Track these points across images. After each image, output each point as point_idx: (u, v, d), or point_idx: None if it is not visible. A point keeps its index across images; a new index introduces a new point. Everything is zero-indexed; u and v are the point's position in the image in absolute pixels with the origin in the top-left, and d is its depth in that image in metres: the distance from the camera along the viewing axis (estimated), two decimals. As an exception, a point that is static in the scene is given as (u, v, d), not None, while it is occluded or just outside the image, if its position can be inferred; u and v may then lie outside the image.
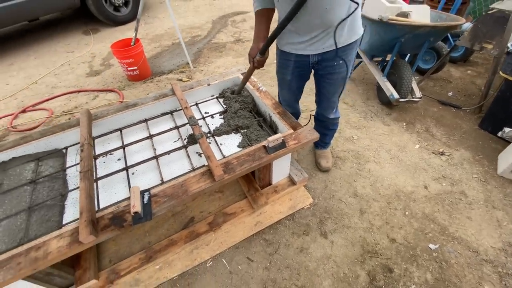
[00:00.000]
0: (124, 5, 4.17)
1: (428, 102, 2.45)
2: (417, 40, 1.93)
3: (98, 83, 2.99)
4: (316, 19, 1.11)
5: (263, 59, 1.29)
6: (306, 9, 1.07)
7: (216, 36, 3.83)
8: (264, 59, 1.30)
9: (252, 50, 1.32)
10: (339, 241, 1.51)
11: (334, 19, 1.11)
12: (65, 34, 4.13)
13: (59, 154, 1.49)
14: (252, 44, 1.33)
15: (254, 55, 1.30)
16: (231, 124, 1.53)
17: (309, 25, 1.14)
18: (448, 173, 1.83)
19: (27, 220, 1.15)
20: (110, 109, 1.63)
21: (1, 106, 2.74)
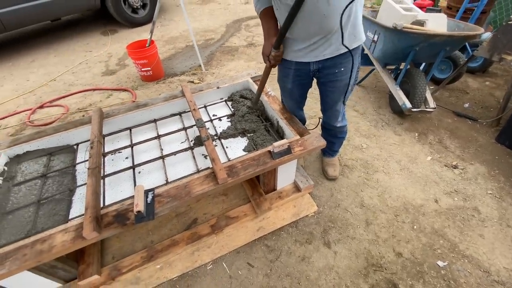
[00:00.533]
0: (142, 7, 4.29)
1: (443, 113, 2.38)
2: (432, 49, 1.88)
3: (113, 82, 3.08)
4: (314, 25, 1.10)
5: (279, 54, 1.25)
6: (304, 15, 1.07)
7: (229, 39, 3.88)
8: (280, 53, 1.25)
9: (265, 48, 1.29)
10: (342, 252, 1.48)
11: (333, 25, 1.10)
12: (84, 34, 4.29)
13: (70, 150, 1.53)
14: (264, 43, 1.31)
15: (268, 52, 1.27)
16: (238, 128, 1.54)
17: (308, 32, 1.14)
18: (461, 187, 1.76)
19: (35, 212, 1.19)
20: (122, 108, 1.66)
21: (21, 101, 2.86)
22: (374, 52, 2.30)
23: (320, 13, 1.05)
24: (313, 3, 1.02)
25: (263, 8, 1.25)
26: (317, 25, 1.10)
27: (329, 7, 1.04)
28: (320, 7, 1.03)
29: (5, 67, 3.53)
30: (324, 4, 1.03)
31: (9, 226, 1.16)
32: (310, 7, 1.04)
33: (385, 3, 2.29)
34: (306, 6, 1.03)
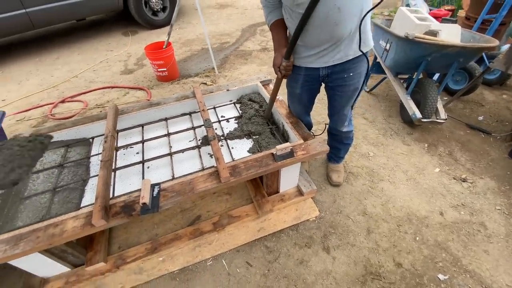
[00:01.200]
0: (162, 10, 4.46)
1: (455, 124, 2.33)
2: (445, 60, 1.86)
3: (130, 80, 3.21)
4: (325, 33, 1.13)
5: (289, 64, 1.27)
6: (314, 24, 1.10)
7: (244, 43, 3.96)
8: (290, 63, 1.27)
9: (276, 59, 1.32)
10: (341, 258, 1.48)
11: (343, 33, 1.13)
12: (107, 34, 4.50)
13: (86, 143, 1.63)
14: (274, 54, 1.34)
15: (279, 63, 1.29)
16: (244, 130, 1.58)
17: (318, 39, 1.16)
18: (468, 201, 1.72)
19: (51, 199, 1.28)
20: (136, 106, 1.75)
21: (44, 95, 3.04)
22: (386, 61, 2.30)
23: (331, 21, 1.08)
24: (324, 12, 1.05)
25: (274, 20, 1.28)
26: (328, 33, 1.13)
27: (340, 15, 1.06)
28: (332, 16, 1.06)
29: (33, 63, 3.76)
30: (335, 13, 1.05)
31: (26, 210, 1.25)
32: (322, 16, 1.06)
33: (400, 12, 2.29)
34: (317, 15, 1.06)
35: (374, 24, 2.37)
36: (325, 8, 1.04)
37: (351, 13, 1.07)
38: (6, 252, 1.03)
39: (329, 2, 1.03)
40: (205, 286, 1.38)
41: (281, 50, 1.28)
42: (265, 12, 1.31)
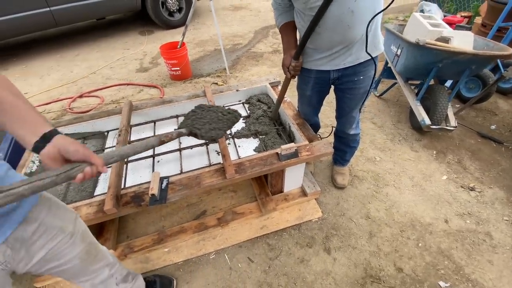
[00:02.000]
0: (178, 11, 4.58)
1: (466, 132, 2.30)
2: (456, 67, 1.85)
3: (145, 78, 3.32)
4: (338, 36, 1.15)
5: (298, 64, 1.30)
6: (327, 27, 1.12)
7: (256, 45, 4.01)
8: (299, 64, 1.31)
9: (285, 60, 1.35)
10: (342, 259, 1.50)
11: (355, 36, 1.15)
12: (124, 33, 4.66)
13: (101, 136, 1.71)
14: (283, 56, 1.38)
15: (288, 63, 1.32)
16: (251, 129, 1.63)
17: (331, 42, 1.19)
18: (475, 210, 1.70)
19: (67, 187, 1.36)
20: (149, 103, 1.83)
21: (64, 90, 3.19)
22: (396, 66, 2.29)
23: (344, 24, 1.10)
24: (337, 15, 1.07)
25: (284, 23, 1.32)
26: (340, 35, 1.15)
27: (353, 18, 1.08)
28: (345, 19, 1.08)
29: (54, 59, 3.94)
30: (348, 15, 1.07)
31: (44, 196, 1.34)
32: (335, 18, 1.09)
33: (413, 17, 2.28)
34: (330, 18, 1.08)
35: (386, 29, 2.37)
36: (339, 11, 1.06)
37: (364, 16, 1.09)
38: (25, 234, 1.11)
39: (343, 5, 1.05)
40: (207, 278, 1.43)
41: (290, 52, 1.32)
42: (275, 14, 1.35)
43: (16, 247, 0.67)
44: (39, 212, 0.72)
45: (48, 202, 0.77)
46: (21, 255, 0.69)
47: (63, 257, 0.80)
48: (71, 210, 0.86)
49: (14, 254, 0.68)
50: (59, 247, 0.77)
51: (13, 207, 0.65)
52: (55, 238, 0.76)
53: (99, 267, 0.96)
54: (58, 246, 0.77)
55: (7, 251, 0.65)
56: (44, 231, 0.73)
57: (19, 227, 0.67)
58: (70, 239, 0.80)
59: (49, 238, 0.74)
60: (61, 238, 0.77)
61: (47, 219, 0.74)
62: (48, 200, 0.78)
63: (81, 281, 0.95)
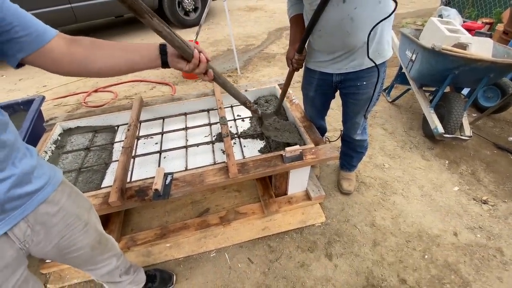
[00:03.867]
0: (193, 10, 4.65)
1: (482, 143, 2.21)
2: (473, 74, 1.78)
3: (158, 76, 3.39)
4: (338, 41, 1.14)
5: (301, 57, 1.30)
6: (327, 31, 1.12)
7: (269, 46, 4.01)
8: (302, 57, 1.30)
9: (289, 53, 1.35)
10: (343, 266, 1.47)
11: (356, 43, 1.13)
12: (140, 31, 4.77)
13: (112, 130, 1.76)
14: (288, 48, 1.38)
15: (292, 56, 1.32)
16: (257, 130, 1.63)
17: (332, 46, 1.19)
18: (486, 224, 1.63)
19: (76, 178, 1.41)
20: (159, 100, 1.86)
21: (80, 84, 3.29)
22: (410, 72, 2.24)
23: (343, 30, 1.09)
24: (337, 20, 1.07)
25: (294, 14, 1.32)
26: (340, 41, 1.15)
27: (352, 25, 1.07)
28: (344, 25, 1.08)
29: (73, 54, 4.08)
30: (347, 22, 1.07)
31: (54, 186, 1.38)
32: (334, 24, 1.09)
33: (431, 22, 2.22)
34: (330, 23, 1.09)
35: (401, 34, 2.32)
36: (338, 16, 1.06)
37: (364, 24, 1.07)
38: (33, 221, 1.15)
39: (343, 12, 1.04)
40: (207, 276, 1.44)
41: (295, 45, 1.31)
42: (288, 4, 1.35)
43: (36, 229, 0.69)
44: (61, 197, 0.75)
45: (68, 189, 0.80)
46: (40, 238, 0.71)
47: (75, 244, 0.81)
48: (87, 200, 0.89)
49: (34, 235, 0.70)
50: (74, 234, 0.79)
51: (38, 187, 0.68)
52: (72, 225, 0.78)
53: (108, 257, 0.98)
54: (73, 233, 0.79)
55: (27, 231, 0.67)
56: (63, 216, 0.75)
57: (41, 206, 0.69)
58: (84, 227, 0.82)
59: (67, 224, 0.77)
60: (77, 225, 0.80)
61: (67, 204, 0.76)
62: (70, 187, 0.81)
63: (89, 269, 0.97)
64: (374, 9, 1.03)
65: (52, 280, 1.44)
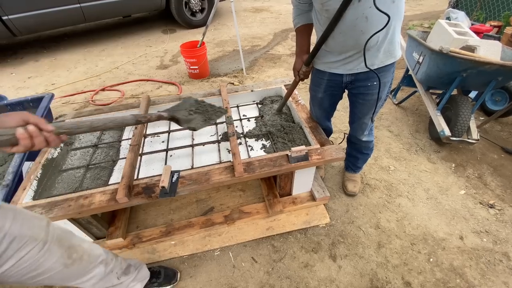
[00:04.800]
0: (200, 11, 4.69)
1: (489, 147, 2.19)
2: (481, 77, 1.77)
3: (164, 75, 3.42)
4: (351, 40, 1.13)
5: (309, 70, 1.33)
6: (341, 30, 1.11)
7: (274, 47, 4.02)
8: (309, 69, 1.33)
9: (296, 64, 1.38)
10: (347, 268, 1.47)
11: (370, 42, 1.13)
12: (148, 31, 4.82)
13: (119, 128, 1.78)
14: (295, 59, 1.40)
15: (299, 68, 1.35)
16: (263, 130, 1.63)
17: (344, 46, 1.18)
18: (493, 229, 1.61)
19: (84, 174, 1.43)
20: (166, 99, 1.88)
21: (88, 83, 3.34)
22: (417, 74, 2.23)
23: (358, 30, 1.09)
24: (352, 20, 1.06)
25: (300, 24, 1.32)
26: (354, 40, 1.14)
27: (367, 25, 1.07)
28: (359, 24, 1.07)
29: (81, 53, 4.14)
30: (362, 21, 1.06)
31: (62, 181, 1.41)
32: (349, 23, 1.08)
33: (438, 25, 2.21)
34: (344, 22, 1.08)
35: (408, 36, 2.31)
36: (353, 16, 1.05)
37: (378, 23, 1.07)
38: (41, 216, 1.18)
39: (358, 11, 1.04)
40: (211, 274, 1.45)
41: (302, 56, 1.33)
42: (294, 13, 1.35)
43: None
44: (3, 223, 0.70)
45: (11, 212, 0.75)
46: None
47: (41, 266, 0.78)
48: (40, 217, 0.83)
49: None
50: (32, 256, 0.75)
51: None
52: (26, 247, 0.74)
53: (92, 268, 0.95)
54: (31, 255, 0.75)
55: None
56: (12, 241, 0.71)
57: None
58: (44, 246, 0.78)
59: (18, 247, 0.72)
60: (33, 247, 0.75)
61: (13, 228, 0.72)
62: (11, 210, 0.76)
63: (78, 283, 0.94)
64: (388, 8, 1.04)
65: (58, 274, 1.46)
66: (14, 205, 0.80)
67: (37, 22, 3.63)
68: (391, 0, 1.03)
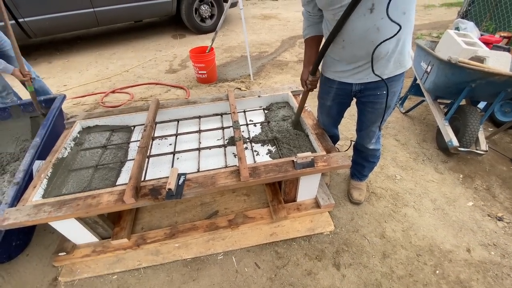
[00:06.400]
0: (209, 17, 4.77)
1: (498, 158, 2.15)
2: (490, 88, 1.75)
3: (173, 79, 3.48)
4: (361, 51, 1.14)
5: (315, 79, 1.34)
6: (352, 40, 1.12)
7: (282, 54, 4.06)
8: (316, 79, 1.35)
9: (303, 74, 1.40)
10: (351, 277, 1.45)
11: (380, 52, 1.14)
12: (158, 35, 4.92)
13: (128, 130, 1.81)
14: (302, 69, 1.42)
15: (306, 78, 1.37)
16: (268, 135, 1.64)
17: (354, 56, 1.19)
18: (501, 242, 1.58)
19: (92, 174, 1.45)
20: (174, 102, 1.91)
21: (99, 85, 3.41)
22: (425, 83, 2.22)
23: (368, 40, 1.10)
24: (364, 30, 1.07)
25: (310, 36, 1.34)
26: (364, 50, 1.14)
27: (378, 35, 1.07)
28: (370, 35, 1.08)
29: (93, 55, 4.25)
30: (374, 32, 1.07)
31: (71, 181, 1.44)
32: (360, 34, 1.09)
33: (447, 35, 2.21)
34: (356, 32, 1.09)
35: (417, 45, 2.31)
36: (365, 26, 1.06)
37: (389, 34, 1.08)
38: (50, 214, 1.20)
39: (370, 22, 1.05)
40: (213, 278, 1.45)
41: (309, 67, 1.35)
42: (304, 24, 1.36)
43: None
44: None
45: None
46: None
47: None
48: None
49: None
50: None
51: None
52: None
53: None
54: None
55: None
56: None
57: None
58: None
59: None
60: None
61: None
62: None
63: None
64: (400, 19, 1.05)
65: (63, 273, 1.48)
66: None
67: (52, 25, 3.74)
68: (402, 12, 1.04)
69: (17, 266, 1.55)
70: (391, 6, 0.92)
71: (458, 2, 6.33)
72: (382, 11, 0.96)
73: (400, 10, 1.03)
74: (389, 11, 0.92)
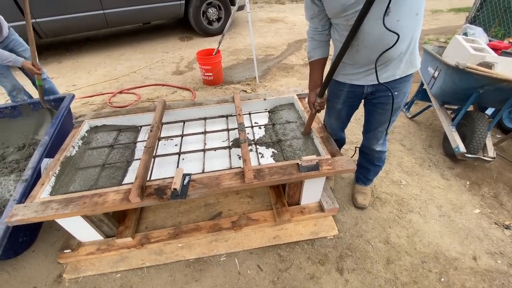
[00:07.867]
0: (216, 20, 4.82)
1: (506, 166, 2.12)
2: (498, 94, 1.74)
3: (179, 81, 3.51)
4: (376, 53, 1.12)
5: (323, 101, 1.36)
6: (367, 44, 1.12)
7: (288, 57, 4.08)
8: (324, 100, 1.37)
9: (311, 98, 1.41)
10: (354, 282, 1.44)
11: (394, 54, 1.14)
12: (165, 37, 4.98)
13: (135, 130, 1.84)
14: (309, 93, 1.43)
15: (313, 100, 1.38)
16: (273, 138, 1.65)
17: (369, 59, 1.18)
18: (508, 250, 1.55)
19: (99, 173, 1.47)
20: (181, 104, 1.93)
21: (107, 85, 3.47)
22: (432, 88, 2.21)
23: (384, 43, 1.09)
24: (379, 34, 1.07)
25: (315, 59, 1.34)
26: (378, 53, 1.12)
27: (394, 37, 1.06)
28: (386, 37, 1.07)
29: (102, 56, 4.32)
30: (389, 35, 1.04)
31: (78, 179, 1.46)
32: (376, 37, 1.09)
33: (455, 40, 2.20)
34: (371, 36, 1.09)
35: (424, 50, 2.30)
36: (380, 30, 1.05)
37: (404, 35, 1.07)
38: (57, 211, 1.22)
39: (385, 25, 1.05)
40: (216, 279, 1.45)
41: (315, 90, 1.36)
42: (309, 46, 1.35)
43: None
44: None
45: None
46: None
47: None
48: None
49: None
50: None
51: None
52: None
53: None
54: None
55: None
56: None
57: None
58: None
59: None
60: None
61: None
62: None
63: None
64: (413, 20, 1.05)
65: (68, 270, 1.50)
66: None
67: (63, 26, 3.83)
68: (415, 13, 1.05)
69: (23, 262, 1.58)
70: (406, 7, 0.92)
71: (467, 7, 6.29)
72: (398, 13, 0.96)
73: (414, 11, 1.04)
74: (405, 12, 0.93)
